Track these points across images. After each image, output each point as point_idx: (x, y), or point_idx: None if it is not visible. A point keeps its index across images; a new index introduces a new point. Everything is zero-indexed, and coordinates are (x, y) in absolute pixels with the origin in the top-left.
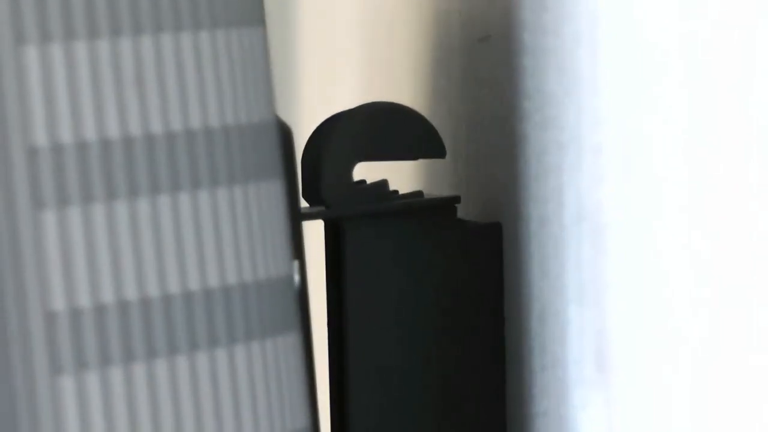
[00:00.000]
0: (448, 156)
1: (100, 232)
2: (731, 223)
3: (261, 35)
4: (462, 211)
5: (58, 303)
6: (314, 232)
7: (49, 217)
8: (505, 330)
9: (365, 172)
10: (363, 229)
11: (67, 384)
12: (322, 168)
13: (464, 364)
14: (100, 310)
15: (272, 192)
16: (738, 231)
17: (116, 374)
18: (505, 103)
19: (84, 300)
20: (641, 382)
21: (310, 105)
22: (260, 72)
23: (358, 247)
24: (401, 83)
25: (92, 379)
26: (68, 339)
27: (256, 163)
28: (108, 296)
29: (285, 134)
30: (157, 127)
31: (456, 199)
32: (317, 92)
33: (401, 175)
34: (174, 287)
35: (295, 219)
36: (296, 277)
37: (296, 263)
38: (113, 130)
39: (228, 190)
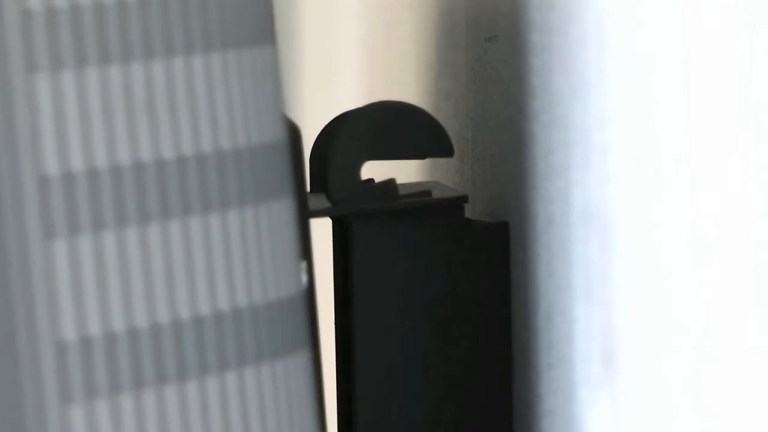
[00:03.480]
0: (454, 155)
1: (111, 260)
2: (739, 223)
3: (272, 54)
4: (469, 211)
5: (69, 332)
6: (321, 230)
7: (60, 246)
8: (511, 328)
9: (373, 171)
10: (370, 228)
11: (77, 413)
12: (329, 167)
13: (471, 362)
14: (110, 338)
15: (282, 211)
16: (745, 230)
17: (126, 402)
18: (512, 103)
19: (94, 328)
20: (648, 381)
21: (314, 105)
22: (271, 91)
23: (365, 247)
24: (407, 83)
25: (102, 408)
26: (78, 368)
27: (267, 183)
28: (118, 324)
29: (293, 133)
30: (168, 152)
31: (464, 199)
32: (321, 92)
33: (409, 175)
34: (184, 312)
35: (304, 219)
36: (304, 278)
37: (304, 263)
38: (124, 157)
39: (239, 212)
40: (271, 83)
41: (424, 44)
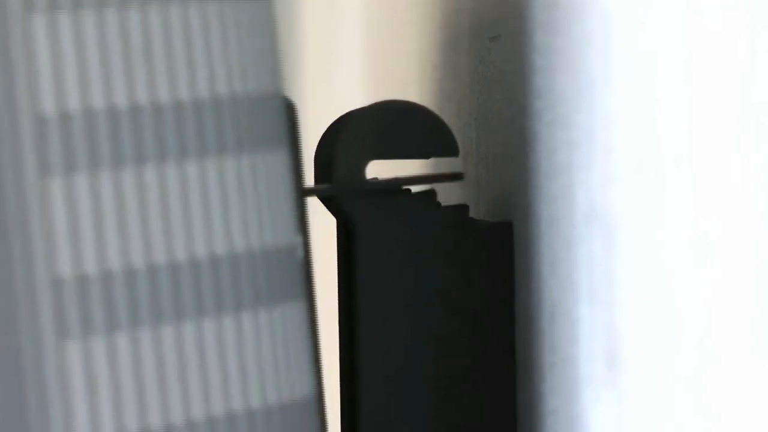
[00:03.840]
0: (458, 155)
1: (107, 199)
2: (741, 223)
3: (268, 5)
4: (473, 210)
5: (66, 269)
6: (325, 232)
7: (57, 185)
8: (515, 328)
9: (378, 171)
10: (374, 228)
11: (74, 349)
12: (334, 166)
13: (475, 361)
14: (107, 276)
15: (278, 161)
16: (747, 230)
17: (122, 340)
18: (515, 102)
19: (91, 267)
20: (652, 381)
21: (317, 104)
22: (267, 41)
23: (369, 246)
24: (411, 83)
25: (98, 345)
26: (75, 305)
27: (263, 132)
28: (115, 263)
29: (289, 108)
30: (164, 96)
31: (458, 176)
32: (324, 91)
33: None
34: (181, 254)
35: (299, 194)
36: (300, 252)
37: (300, 239)
38: (120, 99)
39: (235, 158)
40: (267, 33)
41: (428, 44)
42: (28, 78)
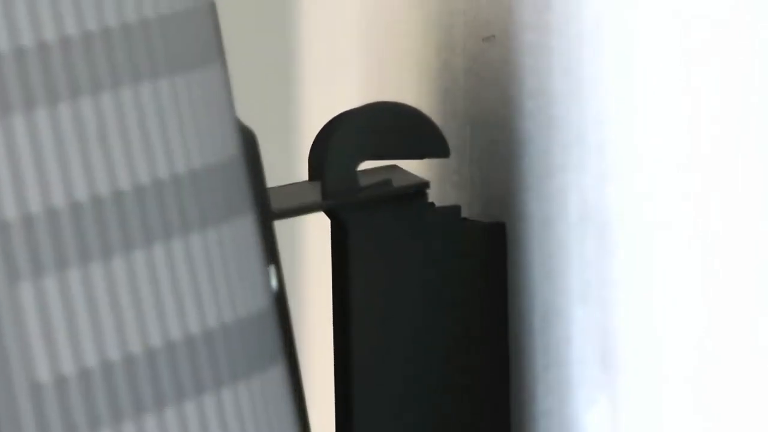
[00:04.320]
0: (452, 156)
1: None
2: (737, 222)
3: (220, 72)
4: (466, 211)
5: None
6: (317, 229)
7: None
8: (508, 329)
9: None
10: (366, 229)
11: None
12: (325, 167)
13: (468, 363)
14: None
15: (245, 227)
16: (743, 230)
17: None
18: (509, 103)
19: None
20: (646, 382)
21: (312, 106)
22: (223, 108)
23: (361, 247)
24: (405, 84)
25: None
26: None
27: (226, 202)
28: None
29: (248, 138)
30: (124, 182)
31: (424, 185)
32: (319, 93)
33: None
34: (155, 339)
35: (267, 224)
36: (273, 282)
37: (272, 267)
38: (81, 192)
39: (201, 234)
40: (223, 101)
41: (422, 44)
42: None
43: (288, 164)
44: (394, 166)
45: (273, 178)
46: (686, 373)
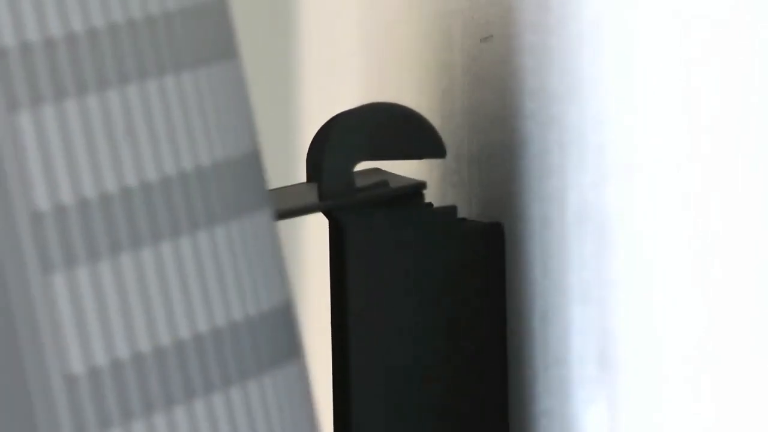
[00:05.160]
0: (450, 156)
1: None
2: (735, 222)
3: (237, 67)
4: (465, 211)
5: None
6: (315, 230)
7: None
8: (507, 329)
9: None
10: (365, 229)
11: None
12: (323, 168)
13: (466, 363)
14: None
15: (266, 219)
16: (742, 229)
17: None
18: (507, 103)
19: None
20: (644, 381)
21: (311, 106)
22: (243, 102)
23: (359, 248)
24: (403, 84)
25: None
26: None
27: (249, 195)
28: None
29: None
30: (152, 174)
31: (421, 185)
32: (318, 93)
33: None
34: (184, 332)
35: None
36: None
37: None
38: (111, 183)
39: (225, 227)
40: (242, 95)
41: (421, 44)
42: (20, 175)
43: (287, 164)
44: (377, 169)
45: (273, 178)
46: (686, 373)
